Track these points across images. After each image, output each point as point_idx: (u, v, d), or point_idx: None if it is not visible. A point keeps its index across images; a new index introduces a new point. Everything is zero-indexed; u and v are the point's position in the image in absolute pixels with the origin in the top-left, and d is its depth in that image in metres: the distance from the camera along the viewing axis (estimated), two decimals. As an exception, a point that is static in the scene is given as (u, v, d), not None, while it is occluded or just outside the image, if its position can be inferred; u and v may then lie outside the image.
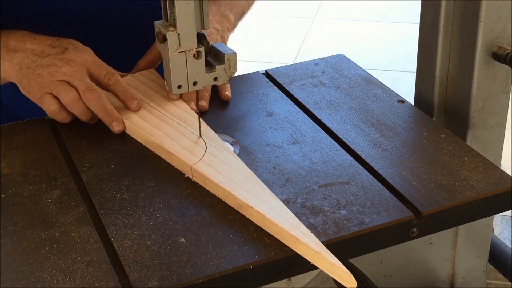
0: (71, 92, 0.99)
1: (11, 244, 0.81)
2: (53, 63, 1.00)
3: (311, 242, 0.76)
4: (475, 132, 1.11)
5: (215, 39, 1.12)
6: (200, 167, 0.89)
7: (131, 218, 0.85)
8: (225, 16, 1.19)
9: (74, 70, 1.00)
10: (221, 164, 0.90)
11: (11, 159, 0.97)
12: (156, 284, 0.75)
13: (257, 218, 0.81)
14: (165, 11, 0.89)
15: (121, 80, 1.04)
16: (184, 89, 0.92)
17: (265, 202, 0.82)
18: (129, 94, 1.03)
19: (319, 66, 1.19)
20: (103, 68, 1.03)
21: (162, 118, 1.01)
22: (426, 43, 1.12)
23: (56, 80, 0.99)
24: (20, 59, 1.02)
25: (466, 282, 1.26)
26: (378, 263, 1.18)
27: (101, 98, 1.00)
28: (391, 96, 1.10)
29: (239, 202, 0.83)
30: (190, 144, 0.94)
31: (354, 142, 0.98)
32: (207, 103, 1.06)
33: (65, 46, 1.03)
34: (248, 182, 0.86)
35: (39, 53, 1.02)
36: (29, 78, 1.00)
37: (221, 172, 0.88)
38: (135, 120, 1.00)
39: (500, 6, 1.04)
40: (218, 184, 0.86)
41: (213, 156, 0.92)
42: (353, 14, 3.79)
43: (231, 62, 0.93)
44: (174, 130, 0.98)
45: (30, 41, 1.03)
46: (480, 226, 1.22)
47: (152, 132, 0.97)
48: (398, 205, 0.85)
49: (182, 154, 0.92)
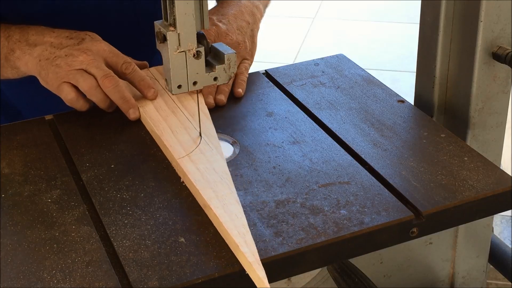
0: (89, 79, 1.00)
1: (11, 244, 0.81)
2: (71, 53, 1.02)
3: (248, 251, 0.77)
4: (475, 132, 1.11)
5: (244, 32, 1.13)
6: (183, 162, 0.91)
7: (131, 218, 0.85)
8: (256, 6, 1.20)
9: (91, 59, 1.01)
10: (205, 162, 0.91)
11: (11, 159, 0.97)
12: (156, 284, 0.75)
13: (214, 220, 0.83)
14: (165, 11, 0.89)
15: (137, 69, 1.05)
16: (184, 89, 0.92)
17: (225, 205, 0.84)
18: (146, 83, 1.04)
19: (319, 66, 1.19)
20: (120, 58, 1.04)
21: (173, 110, 1.02)
22: (426, 43, 1.12)
23: (73, 69, 1.01)
24: (39, 51, 1.04)
25: (466, 282, 1.26)
26: (378, 263, 1.18)
27: (118, 85, 1.01)
28: (391, 96, 1.10)
29: (203, 201, 0.85)
30: (187, 139, 0.96)
31: (354, 142, 0.98)
32: (226, 98, 1.07)
33: (82, 37, 1.04)
34: (220, 183, 0.87)
35: (57, 45, 1.03)
36: (47, 69, 1.02)
37: (200, 170, 0.90)
38: (148, 109, 1.03)
39: (500, 6, 1.04)
40: (191, 181, 0.88)
41: (201, 153, 0.93)
42: (353, 14, 3.79)
43: (231, 62, 0.93)
44: (179, 123, 1.00)
45: (49, 34, 1.05)
46: (480, 226, 1.22)
47: (158, 123, 0.99)
48: (398, 205, 0.85)
49: (174, 147, 0.94)
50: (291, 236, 0.81)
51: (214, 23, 1.11)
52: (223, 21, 1.12)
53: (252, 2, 1.19)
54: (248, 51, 1.13)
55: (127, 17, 1.19)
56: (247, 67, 1.13)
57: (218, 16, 1.13)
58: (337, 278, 1.04)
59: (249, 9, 1.17)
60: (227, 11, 1.15)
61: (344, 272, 1.03)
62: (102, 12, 1.16)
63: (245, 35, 1.13)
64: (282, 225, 0.82)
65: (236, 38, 1.11)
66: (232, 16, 1.14)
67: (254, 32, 1.16)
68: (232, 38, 1.11)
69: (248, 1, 1.19)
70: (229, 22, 1.12)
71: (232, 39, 1.10)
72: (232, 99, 1.10)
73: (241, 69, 1.11)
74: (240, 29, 1.13)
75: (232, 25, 1.12)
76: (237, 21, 1.14)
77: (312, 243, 0.80)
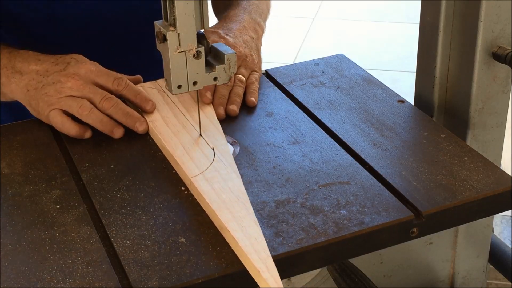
0: (83, 102, 0.98)
1: (11, 244, 0.81)
2: (58, 80, 1.00)
3: (270, 278, 0.75)
4: (475, 132, 1.11)
5: (250, 46, 1.12)
6: (198, 180, 0.88)
7: (131, 218, 0.85)
8: (258, 23, 1.20)
9: (80, 84, 0.99)
10: (220, 181, 0.88)
11: (11, 159, 0.97)
12: (156, 284, 0.75)
13: (232, 243, 0.79)
14: (165, 11, 0.89)
15: (130, 84, 1.03)
16: (184, 89, 0.92)
17: (243, 228, 0.80)
18: (142, 96, 1.02)
19: (319, 66, 1.19)
20: (110, 75, 1.02)
21: (184, 125, 1.00)
22: (426, 43, 1.12)
23: (64, 96, 0.99)
24: (26, 81, 1.02)
25: (466, 282, 1.26)
26: (378, 263, 1.18)
27: (118, 103, 1.00)
28: (391, 96, 1.10)
29: (220, 223, 0.82)
30: (199, 156, 0.93)
31: (354, 142, 0.98)
32: (238, 108, 1.05)
33: (67, 61, 1.02)
34: (237, 203, 0.84)
35: (43, 73, 1.02)
36: (37, 98, 1.00)
37: (215, 190, 0.86)
38: (158, 124, 1.00)
39: (500, 6, 1.04)
40: (207, 201, 0.84)
41: (216, 171, 0.90)
42: (353, 14, 3.79)
43: (231, 62, 0.93)
44: (191, 139, 0.97)
45: (34, 62, 1.03)
46: (480, 226, 1.22)
47: (168, 138, 0.97)
48: (398, 205, 0.85)
49: (187, 165, 0.91)
50: (291, 236, 0.81)
51: (221, 36, 1.10)
52: (230, 35, 1.12)
53: (253, 19, 1.19)
54: (256, 63, 1.13)
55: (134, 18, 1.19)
56: (257, 78, 1.11)
57: (224, 30, 1.13)
58: (337, 278, 1.04)
59: (251, 25, 1.17)
60: (232, 26, 1.15)
61: (344, 272, 1.03)
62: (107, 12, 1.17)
63: (251, 49, 1.13)
64: (282, 225, 0.82)
65: (243, 51, 1.11)
66: (237, 31, 1.14)
67: (259, 47, 1.16)
68: (240, 51, 1.10)
69: (250, 18, 1.19)
70: (235, 36, 1.12)
71: (240, 51, 1.10)
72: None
73: (252, 80, 1.10)
74: (246, 43, 1.12)
75: (238, 39, 1.12)
76: (242, 35, 1.13)
77: (312, 243, 0.80)
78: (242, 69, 1.10)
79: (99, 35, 1.19)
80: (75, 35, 1.18)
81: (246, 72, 1.11)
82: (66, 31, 1.17)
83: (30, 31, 1.17)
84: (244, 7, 1.22)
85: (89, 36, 1.18)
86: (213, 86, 1.05)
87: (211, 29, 1.13)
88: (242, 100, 1.07)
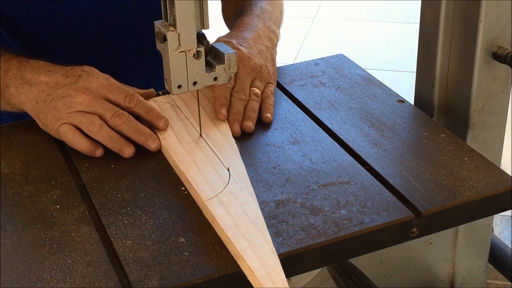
0: (93, 119, 0.96)
1: (11, 244, 0.81)
2: (68, 94, 0.97)
3: None
4: (475, 132, 1.11)
5: (265, 56, 1.09)
6: (212, 204, 0.84)
7: (131, 218, 0.85)
8: (272, 30, 1.17)
9: (91, 99, 0.97)
10: (236, 205, 0.84)
11: (11, 159, 0.97)
12: (156, 284, 0.75)
13: (248, 273, 0.76)
14: (165, 11, 0.89)
15: (142, 100, 0.99)
16: (184, 89, 0.92)
17: (260, 257, 0.76)
18: (154, 113, 0.99)
19: (319, 66, 1.19)
20: (122, 91, 0.99)
21: (198, 142, 0.97)
22: (426, 43, 1.12)
23: (74, 111, 0.96)
24: (35, 93, 0.99)
25: (466, 282, 1.26)
26: (378, 263, 1.18)
27: (130, 120, 0.96)
28: (391, 96, 1.10)
29: (236, 252, 0.78)
30: (214, 176, 0.89)
31: (354, 142, 0.98)
32: (253, 124, 1.01)
33: (78, 74, 0.99)
34: (253, 230, 0.80)
35: (53, 85, 0.99)
36: (45, 111, 0.98)
37: (230, 214, 0.83)
38: (171, 142, 0.97)
39: (500, 6, 1.04)
40: (221, 227, 0.81)
41: (231, 194, 0.86)
42: (353, 14, 3.79)
43: (231, 62, 0.93)
44: (205, 158, 0.93)
45: (44, 73, 1.00)
46: (480, 226, 1.22)
47: (182, 157, 0.93)
48: (398, 205, 0.85)
49: (201, 187, 0.87)
50: (291, 236, 0.81)
51: (235, 47, 1.07)
52: (244, 45, 1.08)
53: (267, 27, 1.16)
54: (271, 75, 1.09)
55: (132, 18, 1.19)
56: (272, 91, 1.08)
57: (238, 40, 1.09)
58: (337, 278, 1.04)
59: (266, 33, 1.14)
60: (246, 35, 1.11)
61: (344, 272, 1.03)
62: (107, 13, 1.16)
63: (266, 59, 1.09)
64: (282, 225, 0.82)
65: (258, 62, 1.07)
66: (252, 40, 1.10)
67: (274, 56, 1.13)
68: (255, 62, 1.07)
69: (264, 25, 1.15)
70: (249, 46, 1.09)
71: (255, 62, 1.07)
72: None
73: (267, 93, 1.06)
74: (260, 53, 1.09)
75: (253, 49, 1.08)
76: (256, 45, 1.10)
77: (312, 243, 0.80)
78: (257, 81, 1.07)
79: (98, 36, 1.19)
80: (73, 37, 1.18)
81: (262, 85, 1.07)
82: (64, 33, 1.17)
83: (27, 33, 1.17)
84: (257, 14, 1.18)
85: (88, 38, 1.18)
86: (228, 102, 1.02)
87: (224, 38, 1.10)
88: (257, 115, 1.03)
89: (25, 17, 1.15)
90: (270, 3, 1.23)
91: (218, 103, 1.01)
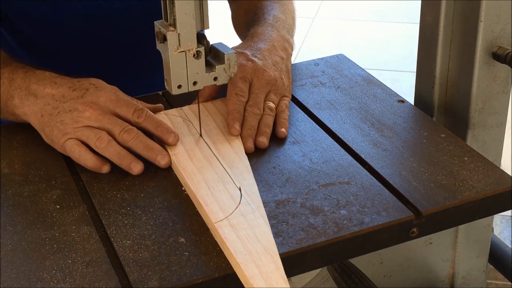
0: (101, 134, 0.93)
1: (11, 244, 0.81)
2: (75, 108, 0.94)
3: None
4: (475, 132, 1.11)
5: (280, 68, 1.06)
6: (222, 227, 0.81)
7: (131, 218, 0.85)
8: (287, 40, 1.13)
9: (98, 114, 0.94)
10: (246, 228, 0.81)
11: (11, 159, 0.97)
12: (156, 284, 0.75)
13: None
14: (165, 11, 0.89)
15: (151, 114, 0.96)
16: (184, 89, 0.92)
17: (271, 285, 0.73)
18: (164, 128, 0.95)
19: (319, 66, 1.19)
20: (130, 106, 0.95)
21: (209, 160, 0.93)
22: (426, 43, 1.12)
23: (81, 126, 0.93)
24: (41, 105, 0.96)
25: (466, 282, 1.26)
26: (378, 263, 1.18)
27: (139, 135, 0.93)
28: (391, 96, 1.10)
29: (245, 279, 0.75)
30: (225, 197, 0.86)
31: (354, 142, 0.98)
32: (268, 140, 0.98)
33: (85, 87, 0.96)
34: (264, 256, 0.77)
35: (60, 98, 0.96)
36: (51, 125, 0.95)
37: (241, 238, 0.79)
38: (181, 158, 0.93)
39: (500, 6, 1.04)
40: (231, 252, 0.77)
41: (242, 216, 0.83)
42: (353, 14, 3.79)
43: (231, 62, 0.93)
44: (216, 176, 0.90)
45: (50, 85, 0.97)
46: (480, 226, 1.22)
47: (192, 175, 0.90)
48: (398, 205, 0.85)
49: (211, 208, 0.84)
50: (291, 236, 0.81)
51: (249, 59, 1.04)
52: (258, 56, 1.05)
53: (282, 36, 1.12)
54: (286, 87, 1.06)
55: (134, 18, 1.19)
56: (287, 104, 1.04)
57: (252, 51, 1.06)
58: (337, 278, 1.04)
59: (281, 43, 1.10)
60: (260, 46, 1.07)
61: (344, 272, 1.03)
62: (108, 13, 1.16)
63: (281, 71, 1.06)
64: (282, 225, 0.82)
65: (273, 75, 1.04)
66: (266, 51, 1.07)
67: (289, 68, 1.09)
68: (270, 75, 1.03)
69: (278, 35, 1.11)
70: (264, 58, 1.05)
71: (270, 75, 1.03)
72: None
73: (282, 107, 1.02)
74: (275, 64, 1.05)
75: (267, 61, 1.05)
76: (271, 56, 1.06)
77: (312, 243, 0.80)
78: (272, 95, 1.03)
79: (99, 37, 1.19)
80: (74, 38, 1.18)
81: (276, 98, 1.03)
82: (65, 33, 1.17)
83: (28, 33, 1.17)
84: (271, 23, 1.14)
85: (89, 38, 1.18)
86: (241, 116, 0.99)
87: (237, 49, 1.06)
88: (272, 130, 1.00)
89: (26, 17, 1.15)
90: (283, 11, 1.19)
91: (231, 117, 0.98)
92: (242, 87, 1.00)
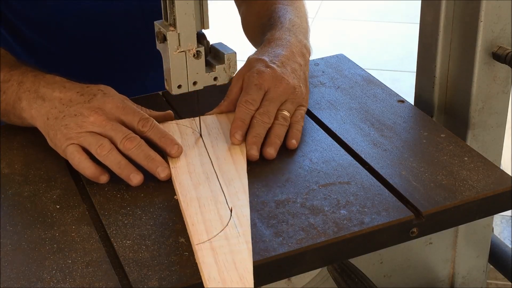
0: (103, 141, 0.91)
1: (11, 244, 0.81)
2: (80, 113, 0.93)
3: None
4: (475, 132, 1.11)
5: (298, 76, 1.03)
6: (202, 249, 0.78)
7: (131, 218, 0.85)
8: (305, 45, 1.09)
9: (103, 119, 0.92)
10: (226, 253, 0.78)
11: (11, 159, 0.97)
12: (156, 284, 0.75)
13: None
14: (165, 11, 0.89)
15: (156, 124, 0.94)
16: (184, 89, 0.91)
17: None
18: (168, 139, 0.93)
19: (319, 66, 1.19)
20: (136, 114, 0.94)
21: (208, 176, 0.90)
22: (426, 43, 1.13)
23: (84, 131, 0.92)
24: (47, 109, 0.95)
25: (466, 282, 1.26)
26: (378, 263, 1.18)
27: (141, 145, 0.91)
28: (391, 96, 1.10)
29: None
30: (213, 217, 0.83)
31: (354, 142, 0.98)
32: (276, 151, 0.95)
33: (93, 93, 0.95)
34: (238, 286, 0.74)
35: (66, 102, 0.94)
36: (55, 129, 0.93)
37: (218, 264, 0.76)
38: (180, 172, 0.91)
39: (500, 6, 1.04)
40: (205, 278, 0.75)
41: (225, 239, 0.80)
42: (353, 14, 3.79)
43: (231, 62, 0.93)
44: (210, 194, 0.87)
45: (59, 89, 0.96)
46: (480, 226, 1.22)
47: (186, 191, 0.88)
48: (398, 205, 0.85)
49: (196, 227, 0.82)
50: (291, 236, 0.81)
51: (267, 65, 1.00)
52: (277, 63, 1.01)
53: (300, 41, 1.08)
54: (304, 96, 1.02)
55: (133, 18, 1.19)
56: (303, 114, 1.01)
57: (271, 58, 1.02)
58: (337, 278, 1.04)
59: (299, 49, 1.07)
60: (278, 52, 1.04)
61: (344, 272, 1.03)
62: (107, 14, 1.16)
63: (299, 79, 1.02)
64: (282, 225, 0.82)
65: (292, 83, 1.00)
66: (285, 58, 1.03)
67: (306, 75, 1.06)
68: (289, 82, 1.00)
69: (296, 40, 1.08)
70: (282, 65, 1.02)
71: (288, 83, 1.00)
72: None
73: (297, 117, 0.99)
74: (294, 72, 1.02)
75: (286, 68, 1.02)
76: (290, 63, 1.03)
77: (312, 243, 0.80)
78: (289, 104, 0.99)
79: (99, 37, 1.19)
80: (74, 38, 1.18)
81: (293, 107, 1.00)
82: (65, 33, 1.17)
83: (28, 33, 1.17)
84: (288, 27, 1.10)
85: (89, 38, 1.18)
86: (245, 125, 0.96)
87: (255, 56, 1.04)
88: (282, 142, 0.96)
89: (26, 18, 1.15)
90: (297, 14, 1.17)
91: (234, 125, 0.96)
92: (253, 95, 0.97)
